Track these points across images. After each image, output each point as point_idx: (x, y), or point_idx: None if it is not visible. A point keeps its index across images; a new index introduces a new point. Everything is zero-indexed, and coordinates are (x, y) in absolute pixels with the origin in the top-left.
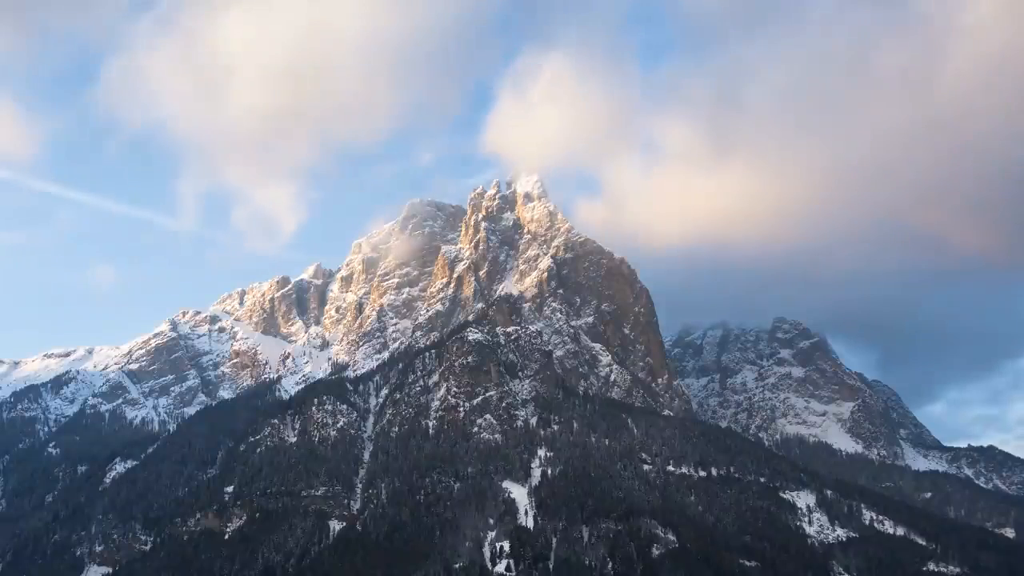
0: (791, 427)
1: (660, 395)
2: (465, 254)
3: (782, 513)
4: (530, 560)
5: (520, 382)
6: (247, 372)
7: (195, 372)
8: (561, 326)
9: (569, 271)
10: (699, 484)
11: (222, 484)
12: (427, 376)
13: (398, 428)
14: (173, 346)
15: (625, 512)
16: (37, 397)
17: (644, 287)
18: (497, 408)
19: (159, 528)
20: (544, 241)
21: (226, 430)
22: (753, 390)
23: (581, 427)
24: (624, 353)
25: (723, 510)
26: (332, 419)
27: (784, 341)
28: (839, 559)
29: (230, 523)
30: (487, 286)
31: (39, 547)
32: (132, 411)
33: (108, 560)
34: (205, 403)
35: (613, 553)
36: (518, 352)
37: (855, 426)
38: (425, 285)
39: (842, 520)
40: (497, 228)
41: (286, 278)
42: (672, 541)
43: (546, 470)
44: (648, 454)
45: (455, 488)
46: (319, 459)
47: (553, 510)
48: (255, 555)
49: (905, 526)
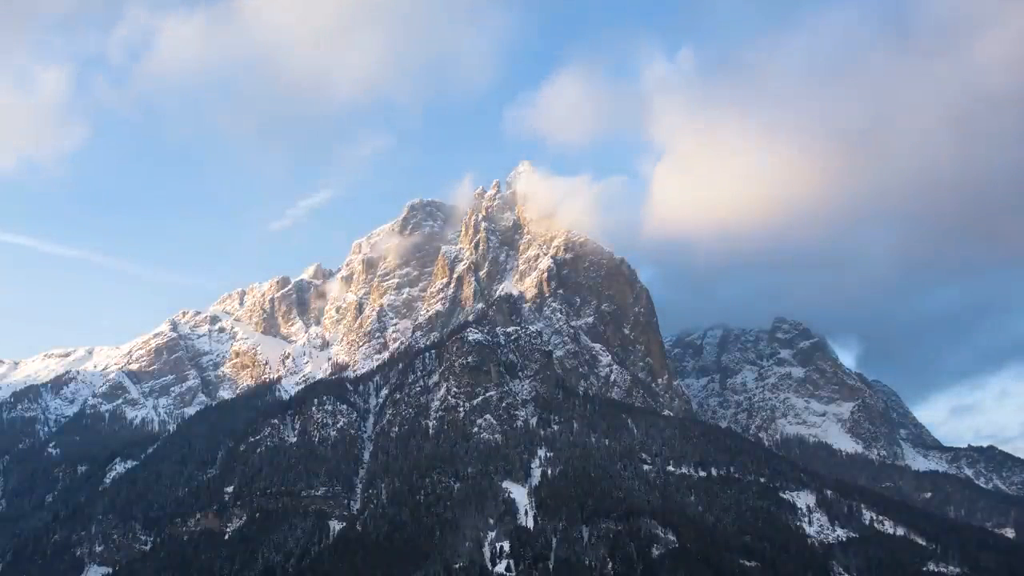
0: (791, 427)
1: (660, 395)
2: (465, 254)
3: (782, 513)
4: (530, 560)
5: (520, 382)
6: (247, 372)
7: (195, 372)
8: (561, 326)
9: (569, 271)
10: (699, 484)
11: (222, 484)
12: (427, 376)
13: (398, 428)
14: (173, 346)
15: (625, 512)
16: (37, 397)
17: (644, 287)
18: (497, 408)
19: (159, 528)
20: (544, 241)
21: (226, 430)
22: (753, 390)
23: (581, 427)
24: (624, 353)
25: (723, 510)
26: (332, 419)
27: (784, 341)
28: (839, 559)
29: (230, 523)
30: (487, 286)
31: (39, 547)
32: (132, 411)
33: (108, 560)
34: (205, 403)
35: (613, 553)
36: (518, 352)
37: (855, 426)
38: (425, 285)
39: (842, 520)
40: (497, 228)
41: (286, 278)
42: (672, 541)
43: (546, 470)
44: (648, 454)
45: (455, 488)
46: (319, 459)
47: (553, 510)
48: (255, 555)
49: (905, 526)
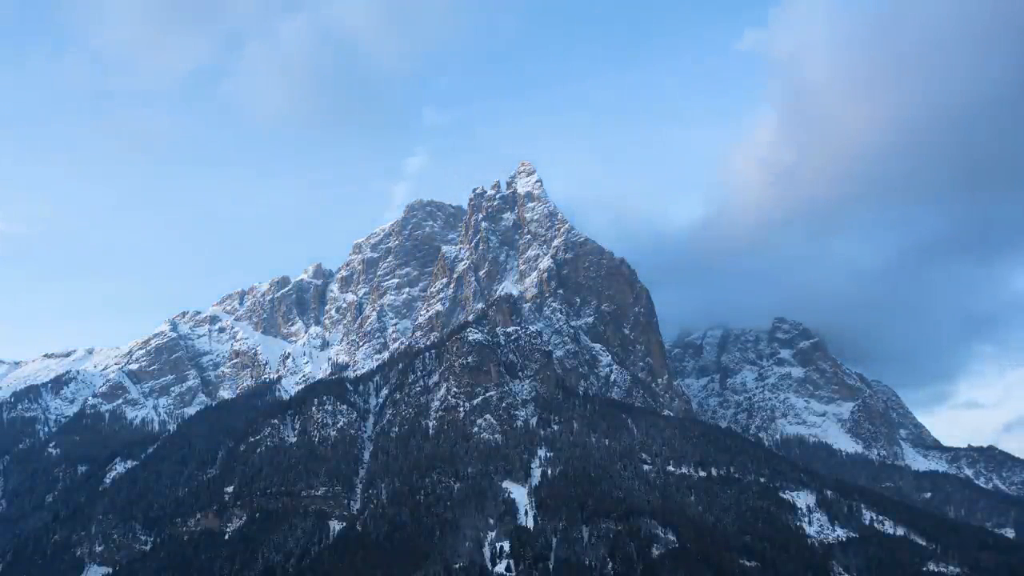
0: (791, 427)
1: (660, 395)
2: (465, 254)
3: (782, 513)
4: (530, 560)
5: (520, 382)
6: (247, 372)
7: (195, 372)
8: (561, 326)
9: (569, 271)
10: (699, 484)
11: (222, 484)
12: (427, 376)
13: (398, 428)
14: (173, 346)
15: (625, 512)
16: (37, 397)
17: (644, 287)
18: (497, 408)
19: (159, 528)
20: (544, 241)
21: (226, 430)
22: (753, 390)
23: (581, 427)
24: (624, 353)
25: (723, 510)
26: (332, 419)
27: (784, 341)
28: (839, 559)
29: (230, 523)
30: (487, 286)
31: (39, 547)
32: (132, 411)
33: (108, 560)
34: (205, 403)
35: (613, 553)
36: (518, 352)
37: (855, 426)
38: (425, 285)
39: (842, 520)
40: (497, 228)
41: (286, 278)
42: (672, 541)
43: (546, 470)
44: (648, 454)
45: (455, 488)
46: (319, 459)
47: (553, 510)
48: (255, 555)
49: (905, 526)
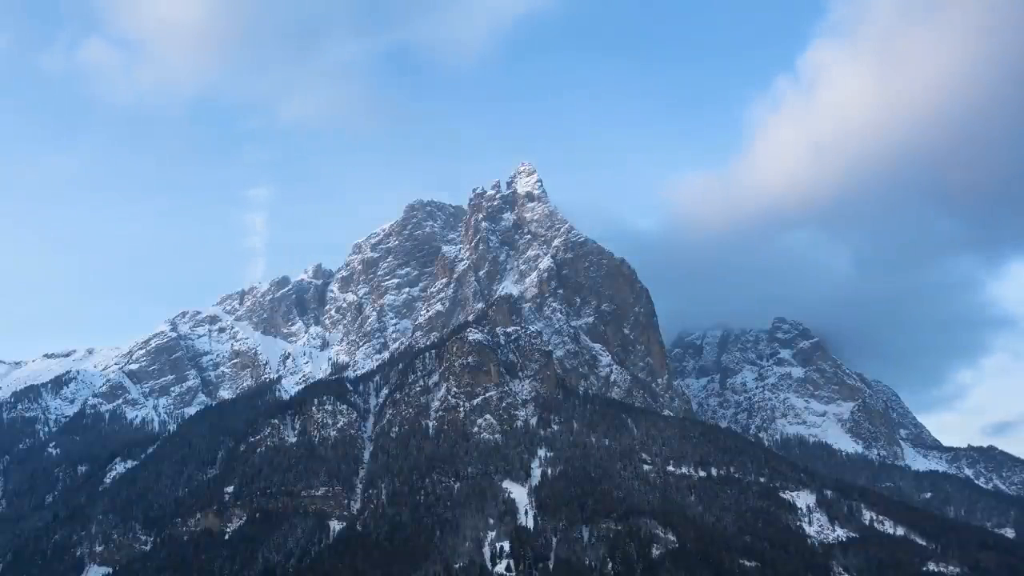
0: (791, 427)
1: (660, 395)
2: (465, 254)
3: (782, 513)
4: (530, 560)
5: (520, 382)
6: (247, 372)
7: (195, 372)
8: (561, 326)
9: (569, 271)
10: (699, 484)
11: (222, 484)
12: (427, 376)
13: (398, 428)
14: (173, 346)
15: (625, 512)
16: (37, 397)
17: (644, 287)
18: (497, 408)
19: (159, 528)
20: (544, 241)
21: (226, 430)
22: (753, 390)
23: (581, 427)
24: (624, 353)
25: (723, 510)
26: (332, 419)
27: (784, 341)
28: (839, 559)
29: (230, 523)
30: (487, 286)
31: (39, 547)
32: (132, 411)
33: (108, 560)
34: (205, 403)
35: (613, 553)
36: (518, 352)
37: (855, 426)
38: (425, 285)
39: (842, 520)
40: (497, 228)
41: (286, 278)
42: (672, 541)
43: (546, 470)
44: (648, 454)
45: (455, 488)
46: (319, 459)
47: (553, 510)
48: (255, 555)
49: (905, 526)
